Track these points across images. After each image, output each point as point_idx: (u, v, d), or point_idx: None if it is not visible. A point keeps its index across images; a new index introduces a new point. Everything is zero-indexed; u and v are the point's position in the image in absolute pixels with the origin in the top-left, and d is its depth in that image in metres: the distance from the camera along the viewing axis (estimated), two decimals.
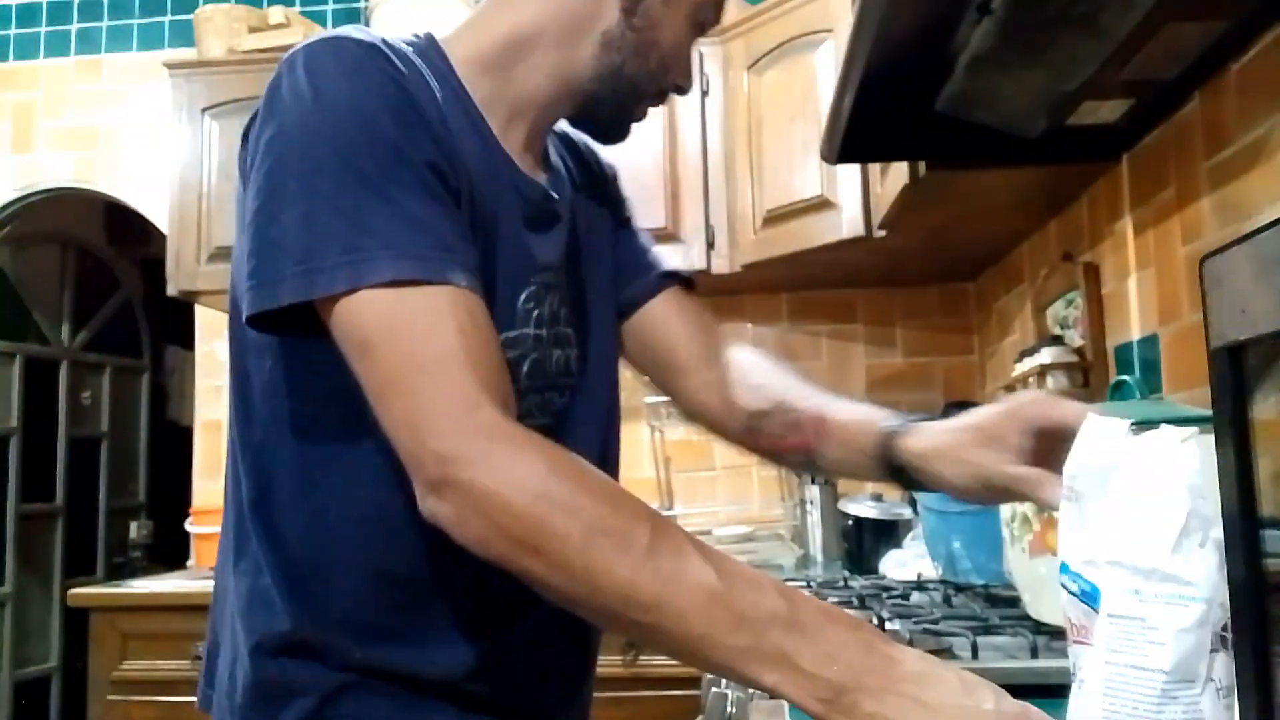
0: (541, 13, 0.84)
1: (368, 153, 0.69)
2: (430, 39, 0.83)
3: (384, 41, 0.76)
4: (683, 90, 0.92)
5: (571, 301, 0.89)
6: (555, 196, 0.90)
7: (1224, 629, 0.57)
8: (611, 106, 0.89)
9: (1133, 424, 0.62)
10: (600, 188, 1.02)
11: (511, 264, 0.82)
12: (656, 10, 0.86)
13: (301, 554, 0.78)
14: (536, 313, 0.83)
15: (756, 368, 1.01)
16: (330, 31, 0.76)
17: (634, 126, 0.93)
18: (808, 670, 0.59)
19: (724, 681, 1.13)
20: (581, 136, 1.01)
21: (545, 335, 0.84)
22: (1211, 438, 0.56)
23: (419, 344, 0.66)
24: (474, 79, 0.83)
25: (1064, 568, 0.64)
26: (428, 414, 0.64)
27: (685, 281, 1.04)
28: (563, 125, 0.96)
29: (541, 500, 0.62)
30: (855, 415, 0.95)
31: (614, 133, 0.93)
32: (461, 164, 0.76)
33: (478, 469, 0.62)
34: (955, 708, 0.58)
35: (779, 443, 0.98)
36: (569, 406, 0.87)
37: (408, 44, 0.80)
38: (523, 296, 0.82)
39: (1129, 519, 0.59)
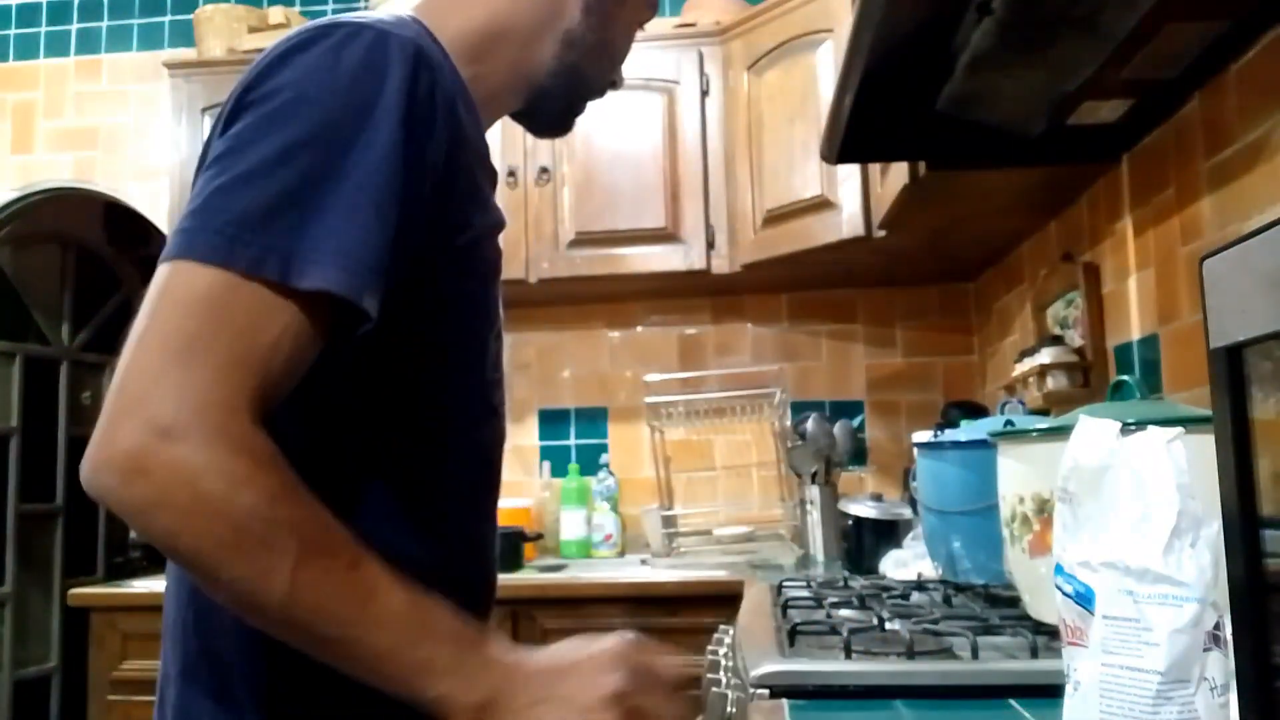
0: (514, 6, 0.86)
1: (374, 154, 0.66)
2: (421, 26, 0.79)
3: (422, 40, 0.74)
4: (617, 86, 0.96)
5: None
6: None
7: (1216, 628, 0.57)
8: (561, 102, 0.92)
9: (1126, 424, 0.62)
10: None
11: (498, 262, 0.85)
12: (612, 11, 0.90)
13: None
14: (500, 309, 0.87)
15: None
16: (373, 16, 0.73)
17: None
18: (470, 682, 0.64)
19: (724, 681, 1.13)
20: None
21: (501, 330, 0.88)
22: (1198, 437, 0.56)
23: (239, 325, 0.62)
24: (482, 98, 0.83)
25: (1059, 569, 0.64)
26: (175, 396, 0.59)
27: None
28: None
29: (262, 516, 0.61)
30: None
31: (558, 127, 0.96)
32: (465, 158, 0.76)
33: (207, 467, 0.59)
34: (572, 666, 0.66)
35: None
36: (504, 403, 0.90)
37: (417, 35, 0.75)
38: (500, 293, 0.85)
39: (1121, 520, 0.59)
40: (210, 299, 0.61)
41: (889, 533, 1.96)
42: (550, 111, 0.93)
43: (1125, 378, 1.03)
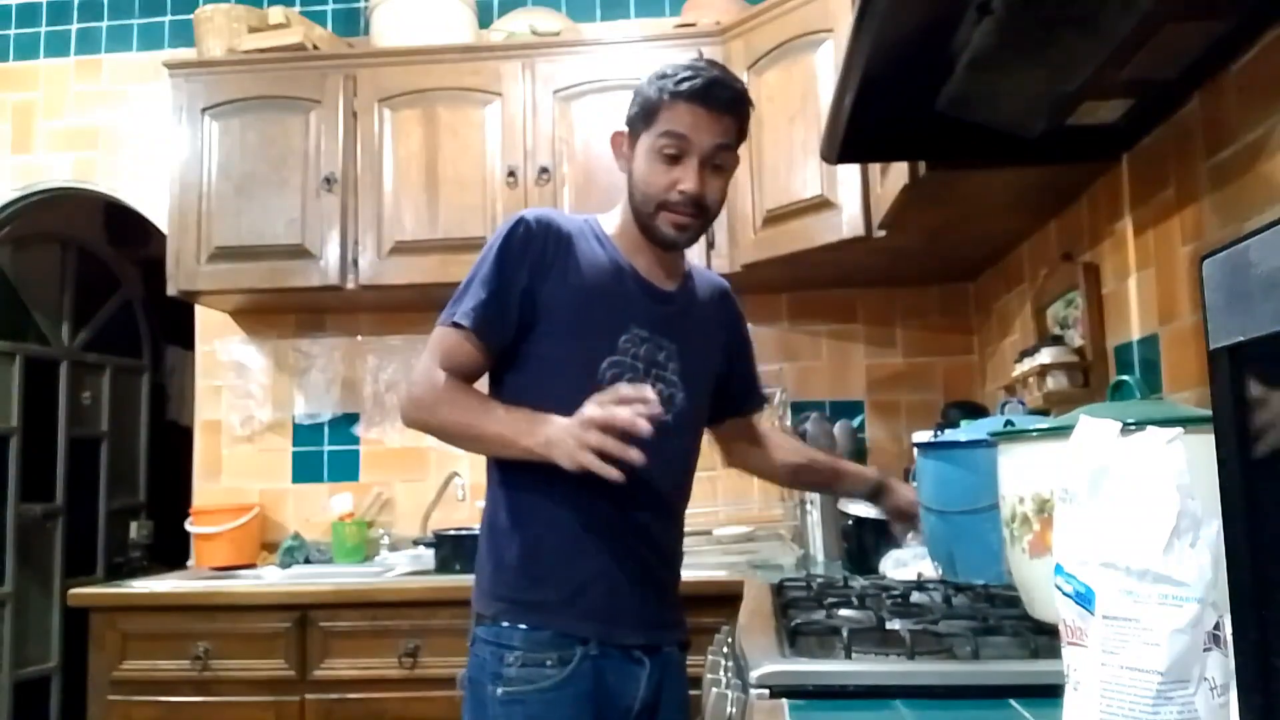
0: (625, 197, 1.48)
1: (488, 266, 1.40)
2: (594, 218, 1.51)
3: (539, 218, 1.43)
4: (685, 193, 1.40)
5: (683, 362, 1.48)
6: (664, 291, 1.49)
7: (1216, 628, 0.57)
8: (650, 229, 1.44)
9: (1126, 424, 0.62)
10: (726, 313, 1.65)
11: (612, 317, 1.42)
12: (630, 155, 1.46)
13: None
14: (633, 350, 1.43)
15: (785, 441, 1.86)
16: (528, 210, 1.46)
17: (678, 234, 1.44)
18: (535, 434, 1.32)
19: (724, 682, 1.13)
20: (721, 283, 1.68)
21: (642, 367, 1.43)
22: (1198, 437, 0.56)
23: (440, 345, 1.42)
24: (613, 234, 1.49)
25: (1059, 569, 0.64)
26: (422, 366, 1.42)
27: (763, 401, 1.82)
28: (714, 278, 1.68)
29: (435, 401, 1.40)
30: (853, 470, 1.82)
31: (666, 245, 1.46)
32: (572, 273, 1.41)
33: (418, 389, 1.42)
34: (564, 428, 1.29)
35: (810, 482, 1.95)
36: (671, 425, 1.43)
37: (582, 219, 1.49)
38: (622, 338, 1.42)
39: (1121, 520, 0.59)
40: (437, 336, 1.42)
41: (889, 533, 1.96)
42: (655, 240, 1.45)
43: (1125, 378, 1.03)
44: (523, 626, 1.36)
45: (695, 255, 2.48)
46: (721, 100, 1.40)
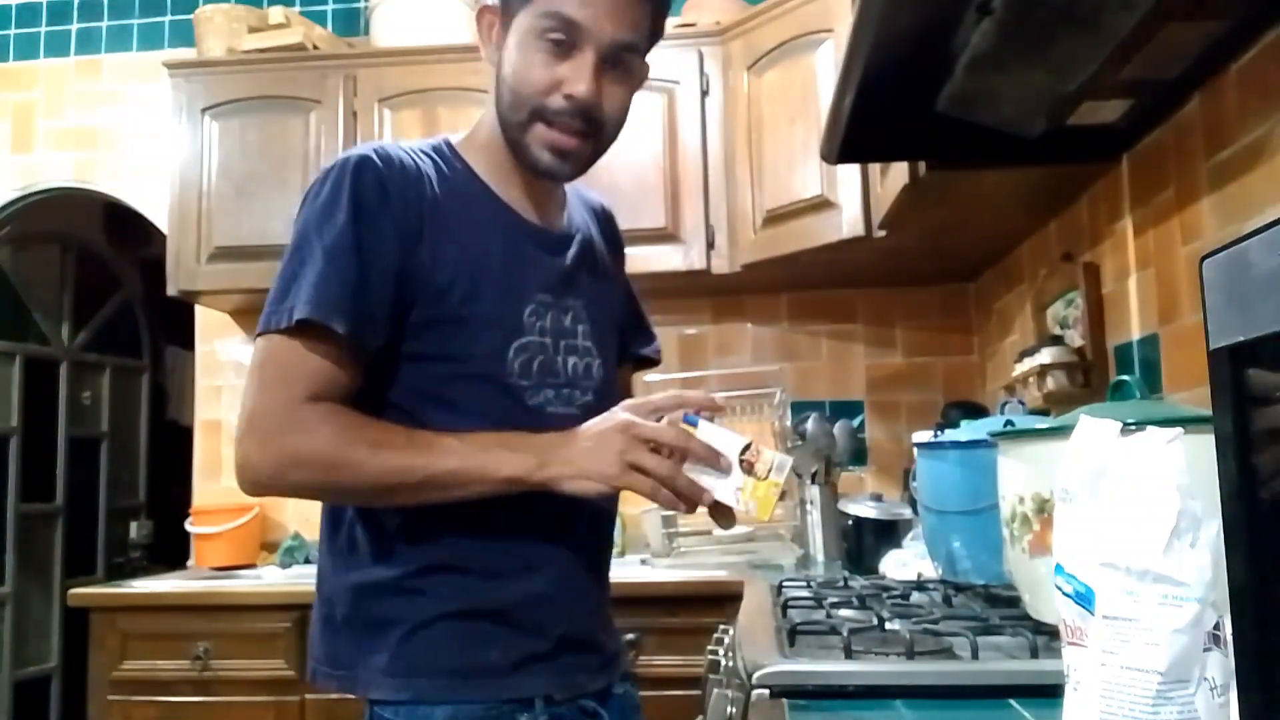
0: (491, 105, 1.10)
1: (335, 232, 0.98)
2: (446, 141, 1.12)
3: (380, 151, 1.03)
4: (574, 99, 1.02)
5: (591, 321, 1.14)
6: (555, 233, 1.14)
7: (1216, 628, 0.57)
8: (520, 148, 1.06)
9: (1126, 424, 0.62)
10: (613, 241, 1.28)
11: (510, 288, 1.06)
12: (499, 54, 1.07)
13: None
14: (539, 324, 1.08)
15: None
16: (352, 150, 1.04)
17: (557, 161, 1.06)
18: (520, 457, 0.97)
19: (724, 681, 1.13)
20: (598, 201, 1.29)
21: (550, 343, 1.09)
22: (1198, 437, 0.56)
23: (290, 366, 0.98)
24: (475, 160, 1.10)
25: (1059, 569, 0.64)
26: (267, 405, 0.98)
27: (654, 340, 1.39)
28: (590, 196, 1.27)
29: (335, 447, 0.96)
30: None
31: (542, 174, 1.08)
32: (447, 232, 1.03)
33: (291, 440, 0.97)
34: (592, 436, 0.98)
35: None
36: (594, 403, 1.11)
37: (429, 147, 1.09)
38: (526, 311, 1.07)
39: (1121, 520, 0.59)
40: (267, 353, 0.99)
41: (889, 533, 1.96)
42: (528, 162, 1.07)
43: (1125, 378, 1.03)
44: (448, 705, 1.00)
45: (695, 254, 2.49)
46: None
